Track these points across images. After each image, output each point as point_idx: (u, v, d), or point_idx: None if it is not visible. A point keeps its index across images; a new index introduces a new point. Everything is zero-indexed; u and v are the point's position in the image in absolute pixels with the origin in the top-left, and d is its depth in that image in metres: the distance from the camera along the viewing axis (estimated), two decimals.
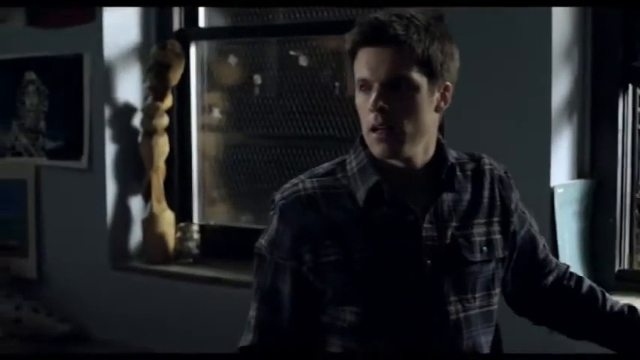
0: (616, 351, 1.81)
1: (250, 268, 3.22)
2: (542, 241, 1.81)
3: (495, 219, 1.69)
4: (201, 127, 3.45)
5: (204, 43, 3.42)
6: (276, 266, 1.65)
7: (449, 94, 1.64)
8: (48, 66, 3.41)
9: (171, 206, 3.35)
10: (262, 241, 1.68)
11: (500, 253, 1.69)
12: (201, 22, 3.41)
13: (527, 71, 2.47)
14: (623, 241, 2.61)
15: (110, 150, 3.31)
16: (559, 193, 2.47)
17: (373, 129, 1.59)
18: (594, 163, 2.60)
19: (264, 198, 3.42)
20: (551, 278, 1.80)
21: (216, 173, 3.47)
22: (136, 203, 3.38)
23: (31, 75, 3.46)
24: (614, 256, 2.60)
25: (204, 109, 3.45)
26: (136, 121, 3.36)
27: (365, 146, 1.66)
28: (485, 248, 1.66)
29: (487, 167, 1.73)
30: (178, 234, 3.31)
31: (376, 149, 1.61)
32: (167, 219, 3.32)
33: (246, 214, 3.49)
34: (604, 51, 2.56)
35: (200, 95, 3.43)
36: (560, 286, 1.81)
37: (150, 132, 3.30)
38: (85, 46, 3.31)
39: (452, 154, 1.69)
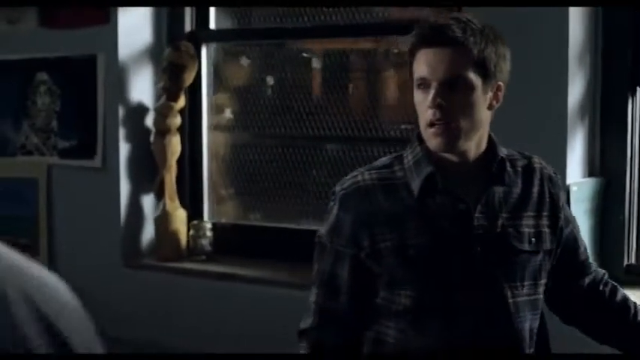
0: None
1: (261, 265, 3.30)
2: (583, 244, 1.92)
3: (544, 213, 1.79)
4: (212, 127, 3.52)
5: (216, 45, 3.49)
6: (336, 253, 1.75)
7: (501, 94, 1.75)
8: (60, 67, 3.45)
9: (182, 204, 3.42)
10: (322, 231, 1.79)
11: (547, 245, 1.79)
12: (212, 24, 3.49)
13: (545, 73, 2.57)
14: (631, 237, 2.73)
15: (123, 149, 3.36)
16: (574, 191, 2.57)
17: (431, 124, 1.70)
18: (604, 163, 2.71)
19: (272, 197, 3.55)
20: (587, 280, 1.91)
21: (225, 172, 3.54)
22: (148, 201, 3.44)
23: (42, 75, 3.50)
24: (623, 252, 2.71)
25: (215, 110, 3.52)
26: (149, 121, 3.42)
27: (421, 141, 1.76)
28: (533, 239, 1.76)
29: (537, 165, 1.83)
30: (191, 232, 3.37)
31: (433, 143, 1.71)
32: (180, 217, 3.39)
33: (255, 212, 3.56)
34: (614, 55, 2.67)
35: (211, 96, 3.50)
36: (595, 289, 1.91)
37: (163, 131, 3.36)
38: (98, 47, 3.36)
39: (502, 151, 1.80)
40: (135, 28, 3.38)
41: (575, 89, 2.59)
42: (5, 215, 3.63)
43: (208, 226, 3.38)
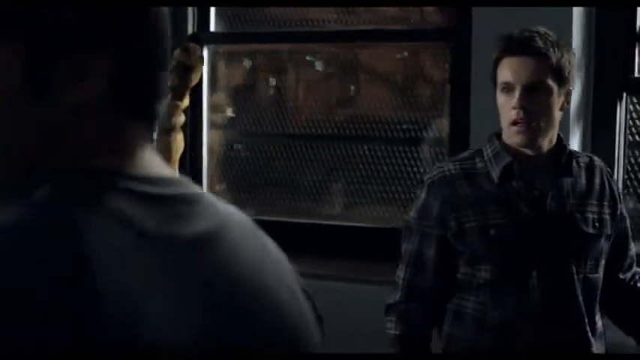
0: None
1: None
2: (632, 242, 2.18)
3: (605, 203, 2.08)
4: (211, 126, 3.68)
5: (219, 46, 3.66)
6: (422, 234, 2.00)
7: (569, 97, 2.00)
8: None
9: None
10: (411, 214, 2.03)
11: (608, 230, 2.08)
12: (212, 27, 3.66)
13: None
14: None
15: None
16: None
17: (514, 123, 1.97)
18: None
19: (264, 193, 3.72)
20: (629, 275, 2.18)
21: (222, 169, 3.71)
22: None
23: None
24: None
25: (214, 109, 3.68)
26: None
27: (498, 138, 2.01)
28: (597, 224, 2.03)
29: (597, 162, 2.13)
30: None
31: (516, 139, 1.99)
32: None
33: (248, 208, 3.73)
34: (605, 59, 2.95)
35: (211, 95, 3.66)
36: (635, 285, 2.18)
37: (169, 129, 3.49)
38: None
39: (569, 148, 2.06)
40: None
41: (575, 95, 2.86)
42: None
43: None
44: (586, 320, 2.03)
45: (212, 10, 3.64)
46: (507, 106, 2.02)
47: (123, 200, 0.78)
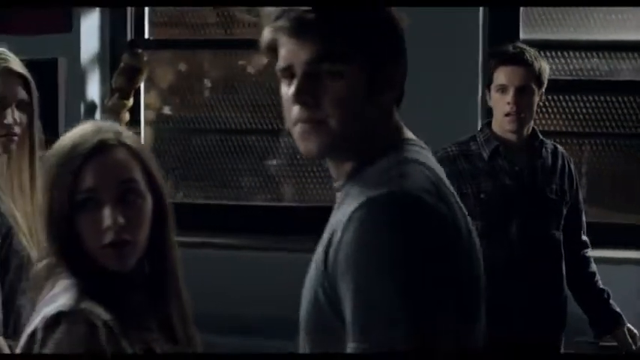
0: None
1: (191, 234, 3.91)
2: (583, 209, 2.95)
3: (565, 178, 2.82)
4: (148, 123, 4.12)
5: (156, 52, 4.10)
6: None
7: (542, 97, 2.79)
8: None
9: None
10: None
11: (567, 198, 2.82)
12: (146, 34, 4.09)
13: (458, 76, 3.47)
14: None
15: None
16: None
17: (508, 114, 2.69)
18: None
19: (198, 179, 4.18)
20: (576, 238, 2.92)
21: (161, 160, 4.14)
22: None
23: None
24: None
25: (150, 107, 4.12)
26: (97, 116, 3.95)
27: (489, 126, 2.72)
28: (559, 193, 2.79)
29: (560, 149, 2.87)
30: None
31: (508, 127, 2.72)
32: None
33: (180, 191, 4.20)
34: None
35: (152, 96, 4.10)
36: (579, 251, 2.94)
37: None
38: (59, 52, 3.83)
39: (540, 137, 2.82)
40: (87, 34, 3.91)
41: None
42: None
43: None
44: (555, 262, 2.80)
45: (146, 19, 4.08)
46: (502, 102, 2.74)
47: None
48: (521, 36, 3.61)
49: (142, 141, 3.94)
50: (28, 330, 1.49)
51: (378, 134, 1.39)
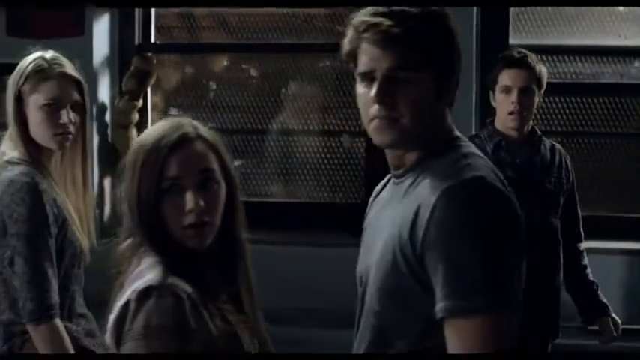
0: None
1: None
2: (578, 201, 3.19)
3: (562, 173, 3.06)
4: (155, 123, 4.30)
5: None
6: None
7: (541, 98, 3.03)
8: None
9: None
10: None
11: (564, 189, 3.07)
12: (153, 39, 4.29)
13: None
14: None
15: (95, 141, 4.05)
16: None
17: (511, 113, 2.93)
18: None
19: None
20: (572, 229, 3.16)
21: None
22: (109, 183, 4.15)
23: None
24: None
25: (156, 109, 4.31)
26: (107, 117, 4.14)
27: (492, 124, 2.96)
28: (556, 184, 3.03)
29: (557, 146, 3.11)
30: None
31: (511, 124, 2.95)
32: None
33: None
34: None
35: (160, 98, 4.30)
36: (574, 243, 3.19)
37: (126, 126, 4.09)
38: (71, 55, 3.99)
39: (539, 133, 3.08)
40: (98, 38, 4.09)
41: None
42: None
43: None
44: (554, 247, 3.05)
45: (152, 23, 4.27)
46: (506, 102, 2.98)
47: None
48: (511, 41, 3.87)
49: None
50: (121, 302, 1.68)
51: (438, 132, 1.68)
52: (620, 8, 3.91)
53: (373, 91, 1.61)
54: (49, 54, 2.52)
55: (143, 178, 1.72)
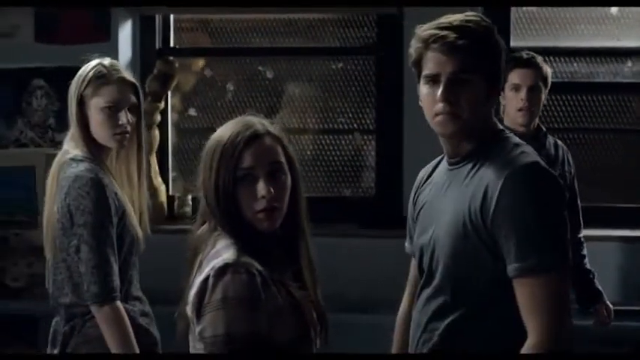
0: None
1: None
2: (578, 200, 3.46)
3: (565, 167, 3.32)
4: (174, 124, 4.54)
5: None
6: None
7: (546, 95, 3.28)
8: (58, 75, 4.23)
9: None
10: None
11: (567, 183, 3.32)
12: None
13: None
14: None
15: None
16: None
17: (520, 109, 3.18)
18: None
19: None
20: (573, 219, 3.34)
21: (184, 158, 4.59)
22: None
23: (39, 81, 4.28)
24: None
25: (175, 110, 4.54)
26: None
27: (500, 122, 3.15)
28: (561, 178, 3.19)
29: (560, 143, 3.37)
30: (177, 201, 4.37)
31: (520, 120, 3.20)
32: (163, 191, 4.36)
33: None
34: None
35: (179, 99, 4.52)
36: (575, 233, 3.40)
37: (150, 125, 4.31)
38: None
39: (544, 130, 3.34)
40: (121, 44, 4.32)
41: None
42: (1, 197, 4.32)
43: (190, 197, 4.40)
44: None
45: (172, 28, 4.50)
46: (516, 99, 3.22)
47: None
48: (511, 44, 4.12)
49: (172, 139, 4.48)
50: (201, 278, 1.91)
51: (487, 125, 2.05)
52: (615, 11, 4.18)
53: (439, 90, 1.99)
54: (107, 61, 2.75)
55: (221, 169, 1.95)
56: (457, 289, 2.03)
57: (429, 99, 2.02)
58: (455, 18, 2.02)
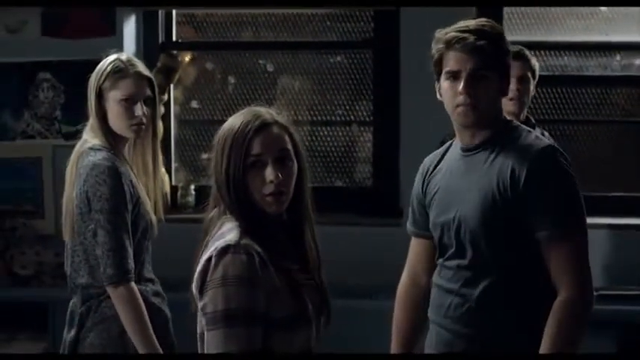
0: None
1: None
2: None
3: None
4: (177, 116, 4.67)
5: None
6: None
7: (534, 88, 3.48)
8: (64, 68, 4.36)
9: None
10: None
11: None
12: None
13: None
14: None
15: None
16: None
17: (511, 99, 3.35)
18: None
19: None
20: None
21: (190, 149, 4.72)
22: None
23: (45, 74, 4.40)
24: None
25: (178, 102, 4.67)
26: None
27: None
28: None
29: (546, 134, 3.51)
30: (180, 191, 4.50)
31: (512, 108, 3.40)
32: (166, 181, 4.49)
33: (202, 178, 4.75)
34: None
35: (181, 92, 4.65)
36: None
37: None
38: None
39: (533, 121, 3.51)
40: (126, 39, 4.45)
41: None
42: (9, 188, 4.45)
43: (193, 187, 4.53)
44: None
45: (174, 23, 4.63)
46: (511, 91, 3.32)
47: None
48: None
49: (174, 130, 4.61)
50: (205, 257, 2.02)
51: (499, 115, 2.40)
52: (604, 8, 4.33)
53: (460, 85, 2.29)
54: (124, 56, 2.89)
55: (232, 156, 2.07)
56: (488, 257, 2.31)
57: (450, 93, 2.32)
58: (472, 23, 2.32)
